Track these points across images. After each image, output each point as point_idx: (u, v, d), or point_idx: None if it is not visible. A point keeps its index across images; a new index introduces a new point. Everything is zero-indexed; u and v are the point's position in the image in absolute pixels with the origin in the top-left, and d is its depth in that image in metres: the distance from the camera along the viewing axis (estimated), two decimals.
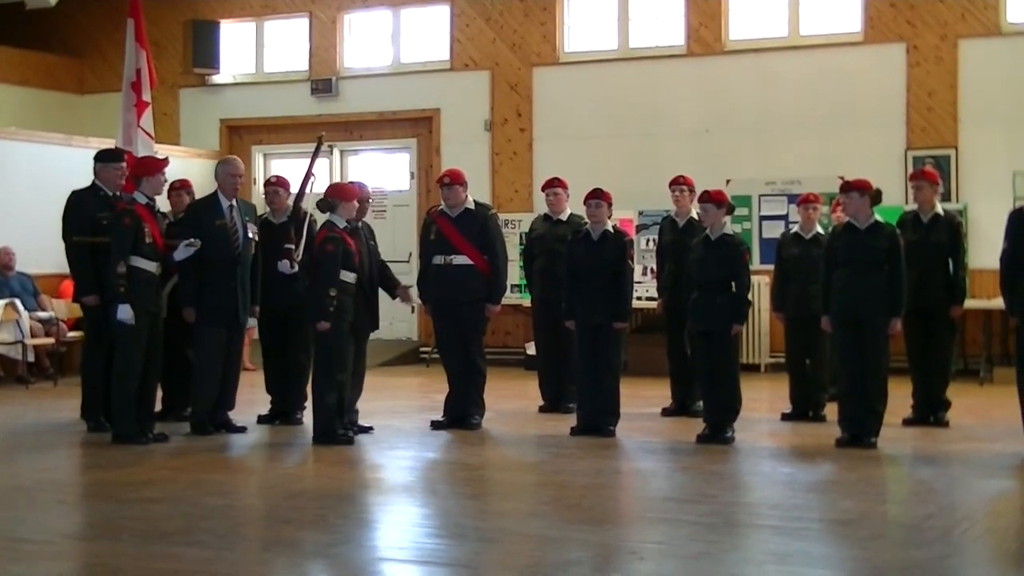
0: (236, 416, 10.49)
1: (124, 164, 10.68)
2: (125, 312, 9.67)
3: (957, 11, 15.11)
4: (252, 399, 11.43)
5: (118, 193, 10.55)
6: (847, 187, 9.81)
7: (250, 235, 10.37)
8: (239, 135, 18.51)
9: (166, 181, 10.32)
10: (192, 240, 9.97)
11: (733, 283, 10.00)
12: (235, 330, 10.36)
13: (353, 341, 10.02)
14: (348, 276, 9.76)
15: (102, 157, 10.82)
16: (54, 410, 12.01)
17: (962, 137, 15.03)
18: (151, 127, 11.50)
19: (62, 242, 10.68)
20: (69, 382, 13.88)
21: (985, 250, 13.50)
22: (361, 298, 10.02)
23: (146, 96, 11.51)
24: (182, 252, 9.97)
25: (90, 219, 10.47)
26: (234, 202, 10.32)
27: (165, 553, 6.50)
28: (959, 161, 14.96)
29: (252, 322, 10.79)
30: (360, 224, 10.21)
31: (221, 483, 8.51)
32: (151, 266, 9.85)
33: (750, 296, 10.33)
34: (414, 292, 10.90)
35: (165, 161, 10.23)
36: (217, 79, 18.59)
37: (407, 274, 16.02)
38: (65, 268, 11.00)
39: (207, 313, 10.18)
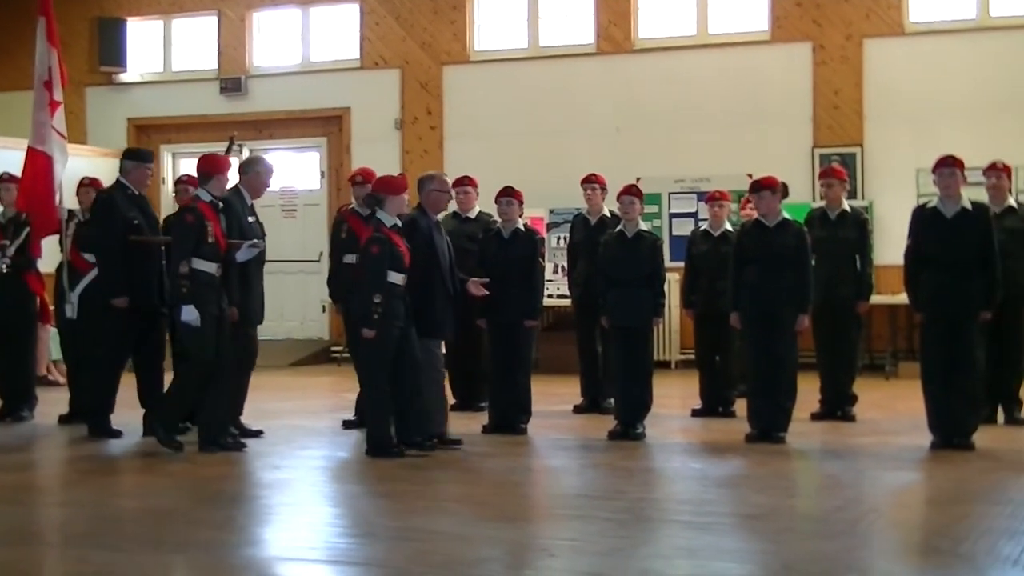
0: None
1: (151, 164, 10.60)
2: (190, 313, 9.15)
3: (862, 11, 15.32)
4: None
5: (143, 193, 10.44)
6: (758, 186, 9.87)
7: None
8: (147, 134, 18.29)
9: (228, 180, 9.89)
10: (256, 240, 9.58)
11: (652, 278, 10.07)
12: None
13: (435, 344, 9.67)
14: (396, 278, 9.13)
15: (133, 156, 10.68)
16: None
17: (867, 135, 15.26)
18: (63, 126, 11.32)
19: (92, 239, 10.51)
20: None
21: (890, 246, 13.67)
22: (442, 297, 9.53)
23: (58, 95, 11.34)
24: (245, 253, 9.50)
25: (122, 219, 10.26)
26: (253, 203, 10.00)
27: (73, 556, 6.44)
28: (864, 158, 15.19)
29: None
30: (434, 220, 9.76)
31: (132, 485, 8.42)
32: (212, 267, 9.31)
33: None
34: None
35: (229, 160, 9.98)
36: (124, 77, 18.38)
37: (317, 273, 16.01)
38: None
39: (247, 314, 9.71)
